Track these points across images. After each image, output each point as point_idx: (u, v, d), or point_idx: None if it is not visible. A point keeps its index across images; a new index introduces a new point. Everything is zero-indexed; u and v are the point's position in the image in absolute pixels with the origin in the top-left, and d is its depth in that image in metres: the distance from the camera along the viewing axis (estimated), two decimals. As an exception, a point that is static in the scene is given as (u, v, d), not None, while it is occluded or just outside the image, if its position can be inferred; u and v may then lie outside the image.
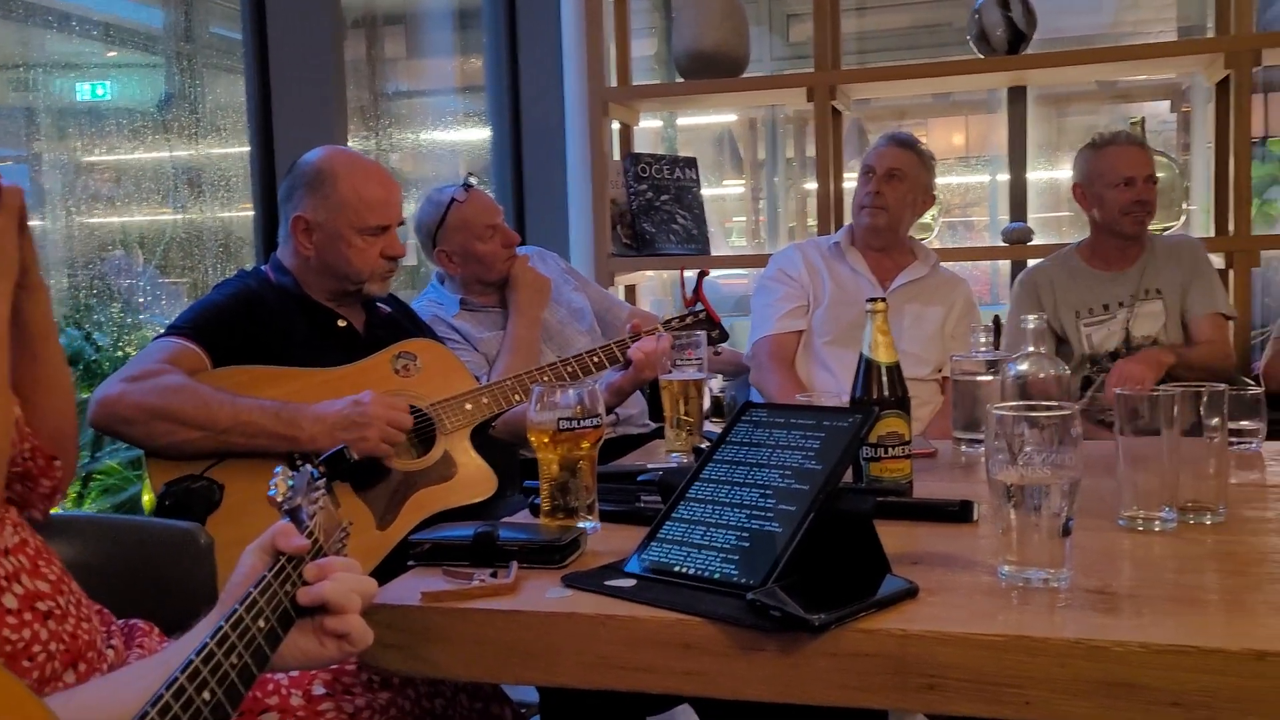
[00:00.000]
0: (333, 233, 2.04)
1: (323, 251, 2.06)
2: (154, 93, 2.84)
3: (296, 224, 2.06)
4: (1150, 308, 2.88)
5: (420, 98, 4.11)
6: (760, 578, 1.12)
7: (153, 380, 1.81)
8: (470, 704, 1.33)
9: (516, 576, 1.21)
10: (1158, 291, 2.88)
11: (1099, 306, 2.90)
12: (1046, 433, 1.12)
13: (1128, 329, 2.87)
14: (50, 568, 1.16)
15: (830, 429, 1.26)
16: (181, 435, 1.81)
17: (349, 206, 2.04)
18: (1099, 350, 2.89)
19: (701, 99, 3.87)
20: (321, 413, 1.86)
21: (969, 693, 0.99)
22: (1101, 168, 2.87)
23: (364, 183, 2.06)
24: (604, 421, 1.43)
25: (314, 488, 1.13)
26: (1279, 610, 1.04)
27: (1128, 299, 2.88)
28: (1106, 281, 2.91)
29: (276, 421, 1.84)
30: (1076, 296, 2.91)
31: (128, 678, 1.00)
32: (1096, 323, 2.89)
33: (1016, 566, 1.14)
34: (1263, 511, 1.44)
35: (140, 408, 1.79)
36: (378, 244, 2.07)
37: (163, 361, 1.85)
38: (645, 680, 1.09)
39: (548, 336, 2.63)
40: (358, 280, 2.08)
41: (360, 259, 2.06)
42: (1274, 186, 4.07)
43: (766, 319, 2.88)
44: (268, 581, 1.00)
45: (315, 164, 2.08)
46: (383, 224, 2.07)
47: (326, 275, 2.08)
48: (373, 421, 1.85)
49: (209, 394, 1.82)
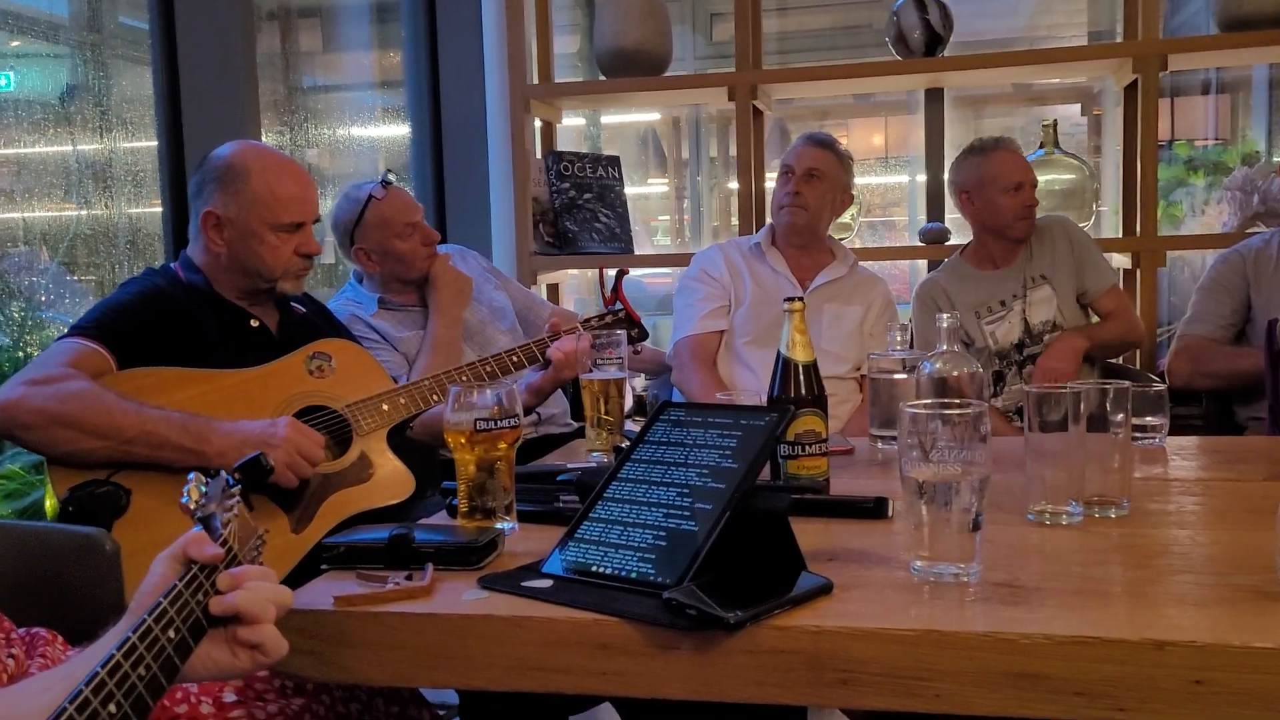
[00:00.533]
0: (245, 229, 2.00)
1: (234, 248, 2.01)
2: (57, 84, 2.74)
3: (207, 220, 2.00)
4: (1040, 294, 2.97)
5: (337, 92, 4.04)
6: (677, 576, 1.12)
7: (56, 385, 1.74)
8: (387, 708, 1.31)
9: (432, 579, 1.19)
10: (1043, 277, 2.98)
11: (995, 304, 2.99)
12: (957, 430, 1.14)
13: (1025, 319, 2.95)
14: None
15: (747, 427, 1.27)
16: (84, 444, 1.74)
17: (261, 202, 1.99)
18: (1004, 344, 2.97)
19: (624, 97, 3.87)
20: (232, 430, 1.80)
21: (881, 686, 1.01)
22: (992, 173, 2.95)
23: (278, 178, 2.02)
24: (522, 422, 1.43)
25: (228, 495, 1.11)
26: (1179, 601, 1.07)
27: (1019, 290, 2.98)
28: (996, 279, 3.01)
29: (184, 435, 1.78)
30: (973, 298, 3.00)
31: (30, 690, 0.96)
32: (996, 319, 2.98)
33: (928, 561, 1.16)
34: (1165, 505, 1.48)
35: (41, 413, 1.72)
36: (292, 241, 2.03)
37: (66, 365, 1.78)
38: (563, 681, 1.08)
39: (468, 336, 2.61)
40: (270, 278, 2.04)
41: (273, 256, 2.02)
42: (1179, 189, 4.20)
43: (688, 319, 2.89)
44: (178, 590, 0.97)
45: (227, 158, 2.03)
46: (297, 220, 2.03)
47: (238, 273, 2.03)
48: (281, 445, 1.79)
49: (114, 402, 1.76)
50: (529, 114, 3.65)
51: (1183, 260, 4.27)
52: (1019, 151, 3.03)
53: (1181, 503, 1.50)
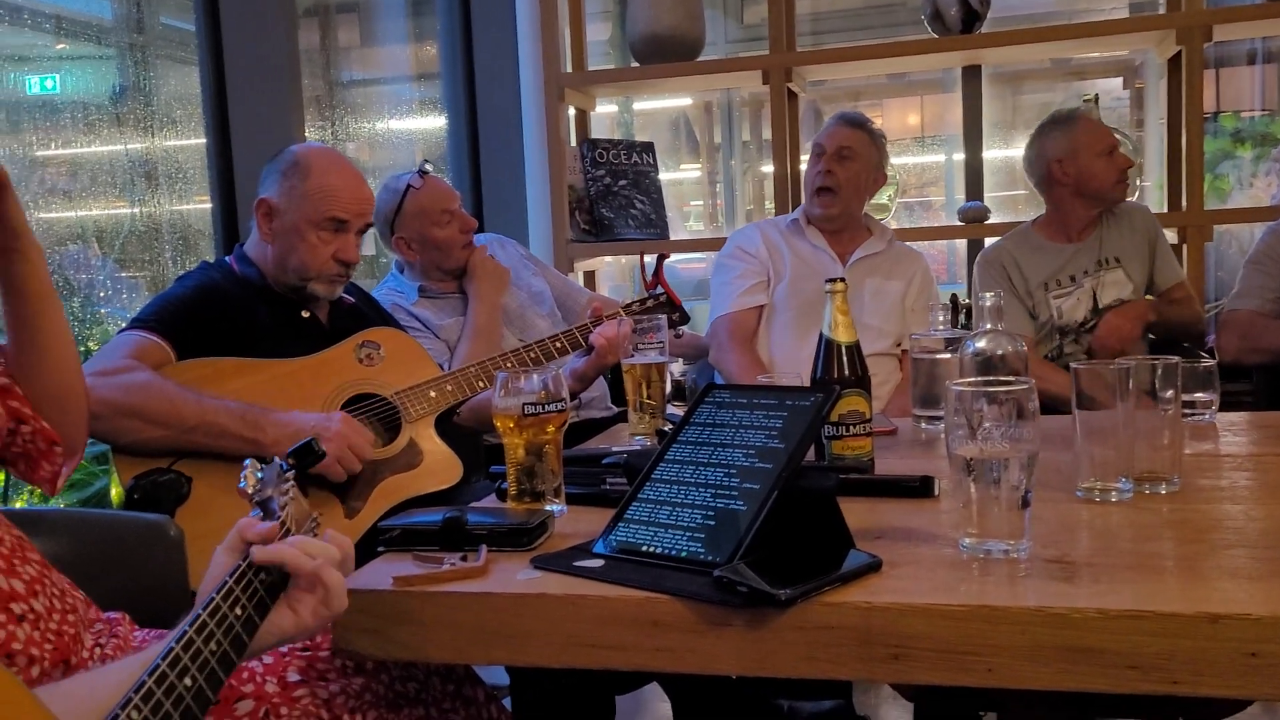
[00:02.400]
0: (290, 223, 2.03)
1: (279, 240, 2.05)
2: (106, 85, 2.79)
3: (260, 206, 2.05)
4: (1114, 276, 2.93)
5: (375, 86, 4.08)
6: (726, 555, 1.13)
7: (120, 377, 1.80)
8: (443, 686, 1.34)
9: (486, 559, 1.22)
10: (1117, 260, 2.94)
11: (1065, 278, 2.94)
12: (1004, 407, 1.15)
13: (1095, 297, 2.92)
14: (27, 565, 1.16)
15: (793, 408, 1.28)
16: (147, 433, 1.79)
17: (310, 198, 2.03)
18: (1068, 320, 2.93)
19: (657, 83, 3.87)
20: (287, 420, 1.85)
21: (933, 662, 1.01)
22: (1085, 139, 2.91)
23: (333, 179, 2.04)
24: (568, 405, 1.44)
25: (283, 479, 1.14)
26: (1232, 575, 1.07)
27: (1091, 267, 2.94)
28: (1069, 253, 2.95)
29: (241, 424, 1.83)
30: (1043, 270, 2.94)
31: (109, 671, 1.00)
32: (1064, 293, 2.94)
33: (977, 539, 1.16)
34: (1216, 480, 1.48)
35: (107, 404, 1.77)
36: (333, 244, 2.04)
37: (129, 357, 1.83)
38: (615, 658, 1.10)
39: (508, 320, 2.64)
40: (305, 277, 2.06)
41: (311, 255, 2.03)
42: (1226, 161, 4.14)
43: (725, 297, 2.89)
44: (242, 570, 1.01)
45: (296, 154, 2.08)
46: (339, 216, 2.04)
47: (279, 267, 2.07)
48: (334, 439, 1.84)
49: (175, 392, 1.81)
50: (563, 102, 3.66)
51: (1230, 234, 4.21)
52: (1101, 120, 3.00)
53: (1234, 478, 1.49)
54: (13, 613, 1.09)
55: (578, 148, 3.75)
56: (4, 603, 1.09)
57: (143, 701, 0.83)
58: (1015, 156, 5.10)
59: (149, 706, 0.84)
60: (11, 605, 1.10)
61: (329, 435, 1.83)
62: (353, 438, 1.86)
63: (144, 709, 0.83)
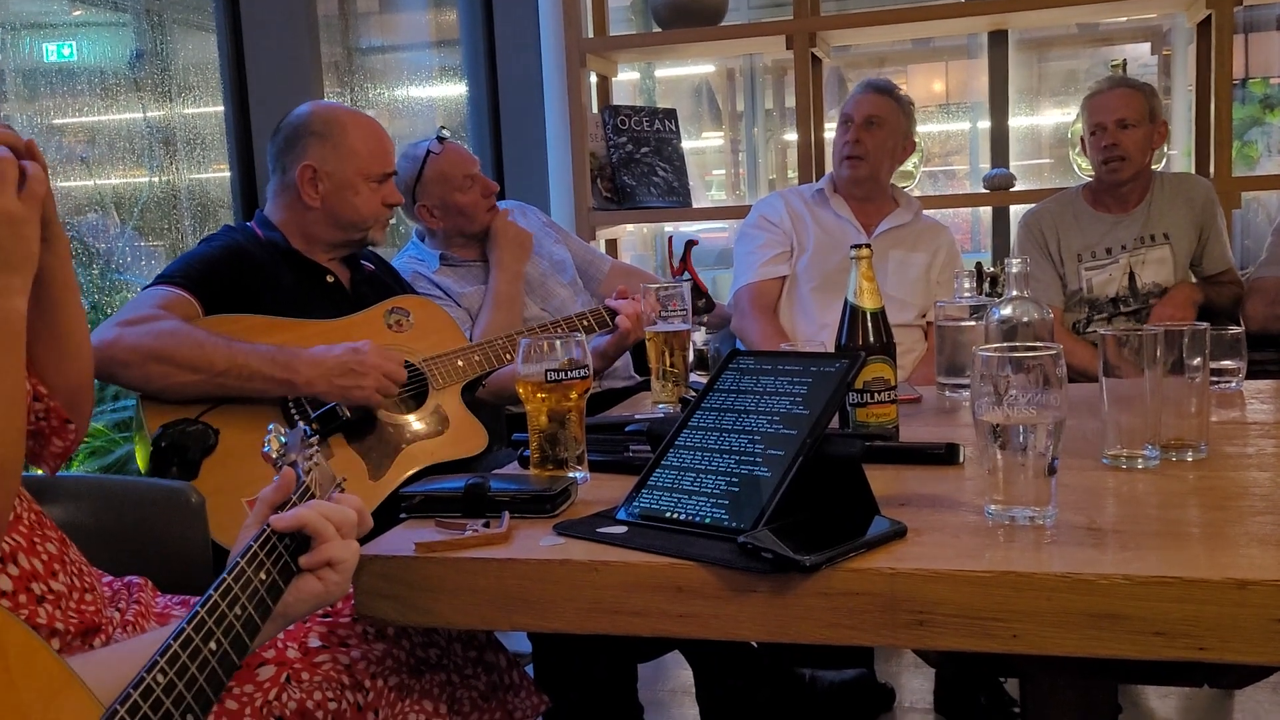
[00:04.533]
0: (342, 181, 2.06)
1: (329, 201, 2.07)
2: (123, 52, 2.79)
3: (304, 173, 2.05)
4: (1158, 254, 2.84)
5: (394, 53, 4.06)
6: (751, 522, 1.13)
7: (148, 325, 1.80)
8: (465, 653, 1.34)
9: (509, 526, 1.22)
10: (1165, 237, 2.84)
11: (1101, 250, 2.86)
12: (1031, 374, 1.13)
13: (1131, 274, 2.85)
14: (47, 544, 1.16)
15: (818, 374, 1.27)
16: (177, 378, 1.80)
17: (358, 155, 2.07)
18: (1099, 295, 2.86)
19: (680, 48, 3.83)
20: (319, 357, 1.86)
21: (958, 628, 1.01)
22: (1088, 115, 2.86)
23: (371, 133, 2.11)
24: (591, 373, 1.44)
25: (307, 444, 1.14)
26: (1260, 541, 1.06)
27: (1131, 243, 2.85)
28: (1110, 224, 2.88)
29: (273, 365, 1.83)
30: (1079, 239, 2.88)
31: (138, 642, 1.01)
32: (1098, 266, 2.86)
33: (1003, 505, 1.15)
34: (1243, 448, 1.46)
35: (136, 350, 1.78)
36: (381, 192, 2.11)
37: (157, 307, 1.84)
38: (639, 624, 1.10)
39: (530, 289, 2.63)
40: (364, 227, 2.11)
41: (367, 206, 2.09)
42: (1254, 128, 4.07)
43: (748, 266, 2.88)
44: (266, 534, 1.01)
45: (320, 115, 2.10)
46: (388, 171, 2.12)
47: (332, 225, 2.09)
48: (369, 371, 1.86)
49: (204, 337, 1.82)
50: (584, 68, 3.63)
51: (1258, 202, 4.16)
52: (1117, 88, 2.84)
53: (1261, 445, 1.48)
54: (33, 593, 1.10)
55: (599, 114, 3.72)
56: (25, 583, 1.10)
57: (168, 665, 0.84)
58: (1040, 124, 5.05)
59: (174, 670, 0.84)
60: (32, 585, 1.10)
61: (363, 366, 1.86)
62: (386, 365, 1.89)
63: (169, 672, 0.84)
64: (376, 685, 1.21)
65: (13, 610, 1.08)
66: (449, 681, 1.29)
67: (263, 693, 1.14)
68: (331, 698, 1.17)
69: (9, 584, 1.09)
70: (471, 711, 1.31)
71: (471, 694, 1.32)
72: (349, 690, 1.19)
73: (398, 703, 1.22)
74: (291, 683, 1.16)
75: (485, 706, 1.32)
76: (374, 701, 1.20)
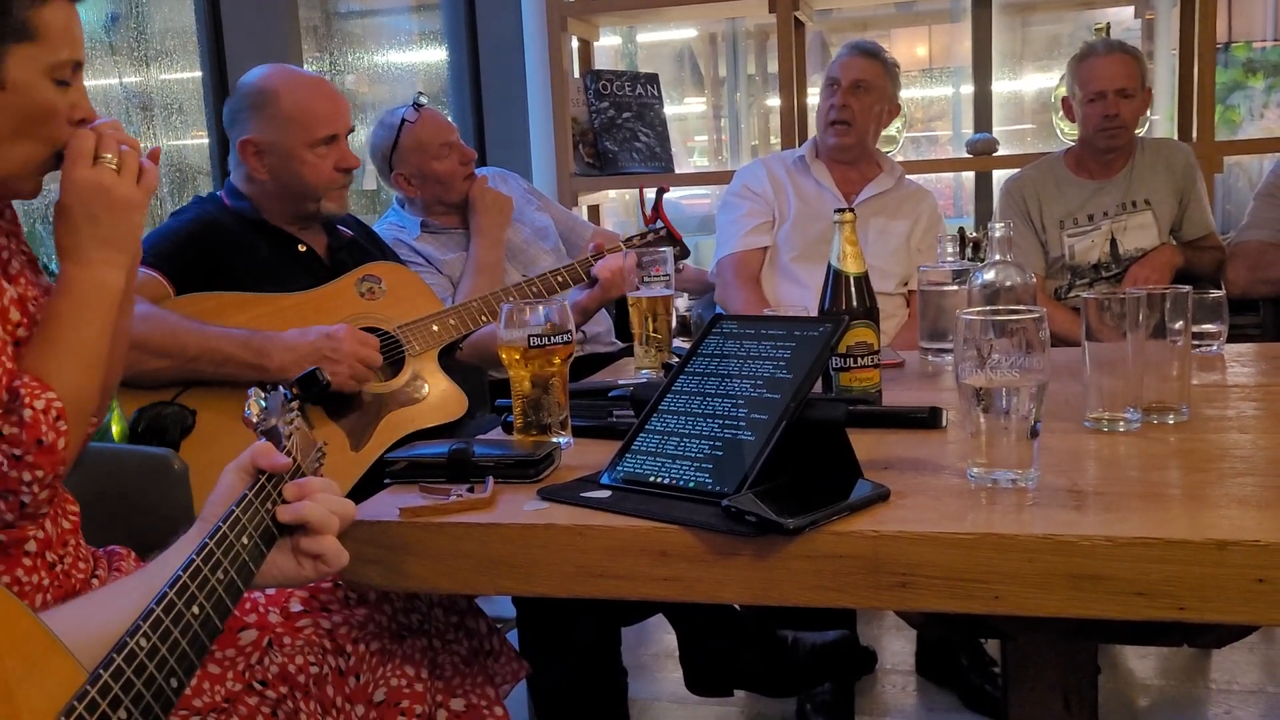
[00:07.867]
0: (283, 152, 2.01)
1: (276, 173, 2.03)
2: (99, 15, 2.74)
3: (245, 148, 2.02)
4: (1140, 219, 2.84)
5: (373, 17, 4.01)
6: (735, 485, 1.13)
7: None
8: (446, 618, 1.34)
9: (493, 491, 1.21)
10: (1146, 203, 2.84)
11: (1083, 216, 2.86)
12: (1014, 338, 1.13)
13: (1113, 240, 2.85)
14: (66, 517, 1.17)
15: (801, 338, 1.26)
16: (150, 364, 1.78)
17: (295, 121, 2.00)
18: (1081, 261, 2.86)
19: (662, 11, 3.80)
20: (293, 342, 1.85)
21: (941, 589, 1.01)
22: (1081, 79, 2.84)
23: (307, 95, 2.03)
24: (574, 338, 1.43)
25: (288, 409, 1.13)
26: (1239, 502, 1.06)
27: (1114, 209, 2.85)
28: (1092, 190, 2.88)
29: (245, 350, 1.82)
30: (1061, 205, 2.88)
31: (111, 594, 1.00)
32: (1080, 233, 2.86)
33: (985, 468, 1.16)
34: (1224, 410, 1.47)
35: None
36: (330, 156, 2.04)
37: None
38: (624, 587, 1.10)
39: (512, 255, 2.62)
40: (314, 197, 2.05)
41: (315, 175, 2.03)
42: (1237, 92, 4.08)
43: (731, 236, 2.87)
44: (249, 499, 1.00)
45: (256, 84, 2.04)
46: (330, 133, 2.03)
47: (283, 198, 2.05)
48: (344, 358, 1.85)
49: (176, 322, 1.80)
50: (566, 32, 3.60)
51: (1240, 166, 4.17)
52: (1115, 55, 2.82)
53: (1241, 408, 1.48)
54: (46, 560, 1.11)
55: (581, 79, 3.69)
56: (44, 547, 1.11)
57: (151, 629, 0.83)
58: (1024, 89, 5.04)
59: (157, 634, 0.84)
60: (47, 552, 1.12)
61: (338, 353, 1.84)
62: (362, 350, 1.88)
63: (153, 636, 0.83)
64: (358, 650, 1.21)
65: (30, 570, 1.10)
66: (430, 647, 1.29)
67: (245, 657, 1.14)
68: (313, 662, 1.17)
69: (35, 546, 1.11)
70: (454, 676, 1.31)
71: (453, 659, 1.32)
72: (331, 655, 1.19)
73: (379, 667, 1.22)
74: (273, 647, 1.16)
75: (467, 671, 1.32)
76: (355, 666, 1.20)
